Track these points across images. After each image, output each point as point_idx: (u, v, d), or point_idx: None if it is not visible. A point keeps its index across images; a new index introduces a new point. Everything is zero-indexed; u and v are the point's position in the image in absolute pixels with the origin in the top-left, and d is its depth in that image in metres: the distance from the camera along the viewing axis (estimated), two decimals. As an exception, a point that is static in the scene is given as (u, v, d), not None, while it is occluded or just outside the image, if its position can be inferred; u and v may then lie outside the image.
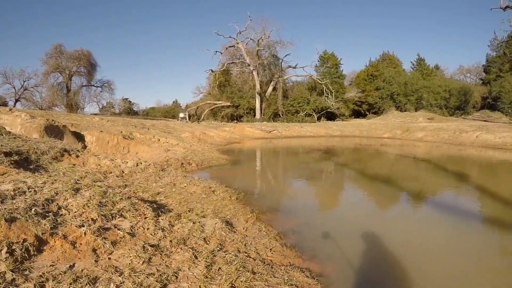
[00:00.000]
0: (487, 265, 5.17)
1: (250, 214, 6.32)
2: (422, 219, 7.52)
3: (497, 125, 33.35)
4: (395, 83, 52.90)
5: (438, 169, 15.23)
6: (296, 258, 4.81)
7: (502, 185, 12.13)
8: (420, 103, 50.49)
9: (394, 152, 22.74)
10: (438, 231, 6.62)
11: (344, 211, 8.25)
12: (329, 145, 25.42)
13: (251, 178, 11.37)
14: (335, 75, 55.55)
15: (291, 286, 3.72)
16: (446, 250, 5.54)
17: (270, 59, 52.83)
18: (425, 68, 60.34)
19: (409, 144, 27.77)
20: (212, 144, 20.21)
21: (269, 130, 30.30)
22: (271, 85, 50.66)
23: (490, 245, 6.08)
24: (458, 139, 28.53)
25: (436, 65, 64.88)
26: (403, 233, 6.41)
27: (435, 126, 35.44)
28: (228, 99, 48.48)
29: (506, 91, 44.80)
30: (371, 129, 38.05)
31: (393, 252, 5.32)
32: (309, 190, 10.60)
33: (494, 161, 18.58)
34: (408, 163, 18.24)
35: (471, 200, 9.56)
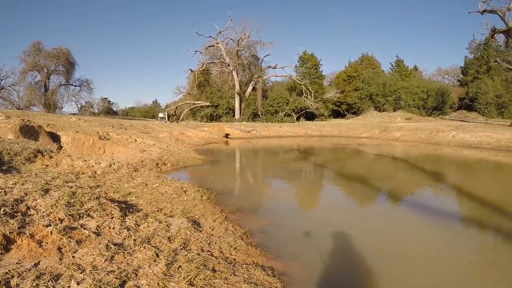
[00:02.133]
0: (453, 262, 5.38)
1: (219, 214, 6.43)
2: (392, 219, 7.76)
3: (473, 125, 34.49)
4: (374, 83, 53.83)
5: (412, 168, 15.68)
6: (261, 257, 4.93)
7: (476, 184, 12.63)
8: (399, 104, 51.58)
9: (370, 151, 23.26)
10: (407, 231, 6.87)
11: (316, 212, 8.45)
12: (307, 145, 25.78)
13: (225, 178, 11.48)
14: (315, 75, 56.13)
15: (250, 284, 3.84)
16: (414, 251, 5.74)
17: (250, 59, 53.08)
18: (404, 69, 61.56)
19: (386, 144, 28.43)
20: (190, 144, 20.25)
21: (248, 130, 30.46)
22: (251, 85, 50.82)
23: (459, 242, 6.31)
24: (435, 139, 29.40)
25: (415, 67, 66.65)
26: (373, 234, 6.60)
27: (412, 126, 36.42)
28: (207, 99, 48.46)
29: (483, 92, 46.66)
30: (350, 129, 38.68)
31: (360, 253, 5.45)
32: (283, 190, 10.76)
33: (470, 160, 19.22)
34: (381, 162, 18.69)
35: (444, 199, 9.91)
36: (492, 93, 46.39)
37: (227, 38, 50.11)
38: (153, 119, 55.03)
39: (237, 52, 49.07)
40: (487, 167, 17.04)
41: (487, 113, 45.87)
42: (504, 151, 22.03)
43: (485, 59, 48.46)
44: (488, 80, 48.22)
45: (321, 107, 52.17)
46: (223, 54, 49.94)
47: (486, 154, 20.92)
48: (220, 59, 51.28)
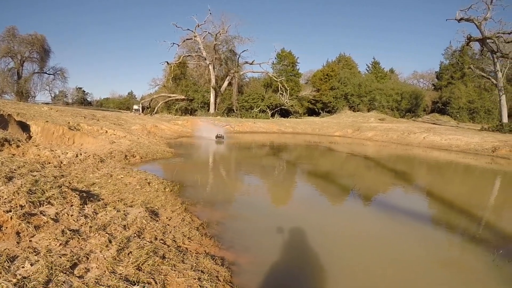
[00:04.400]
0: (405, 258, 5.68)
1: (179, 205, 6.67)
2: (350, 215, 8.10)
3: (444, 128, 35.78)
4: (349, 84, 54.66)
5: (380, 167, 16.28)
6: (213, 247, 5.12)
7: (441, 184, 13.22)
8: (373, 104, 52.68)
9: (339, 149, 23.90)
10: (363, 226, 7.19)
11: (276, 206, 8.76)
12: (279, 142, 26.17)
13: (192, 172, 11.65)
14: (291, 73, 56.60)
15: (196, 271, 4.05)
16: (367, 245, 6.04)
17: (227, 54, 53.04)
18: (380, 71, 62.77)
19: (357, 143, 29.23)
20: (162, 137, 20.28)
21: (222, 125, 30.46)
22: (227, 80, 50.72)
23: (414, 240, 6.59)
24: (406, 140, 30.40)
25: (391, 69, 67.87)
26: (328, 229, 6.85)
27: (385, 127, 37.38)
28: (183, 92, 48.26)
29: (456, 97, 48.14)
30: (323, 127, 39.32)
31: (311, 248, 5.70)
32: (247, 185, 11.04)
33: (440, 161, 20.02)
34: (349, 160, 19.26)
35: (407, 197, 10.41)
36: (464, 98, 47.89)
37: (205, 32, 49.75)
38: (128, 110, 54.27)
39: (214, 47, 48.89)
40: (456, 169, 17.84)
41: (459, 117, 47.35)
42: (472, 154, 23.02)
43: (460, 65, 50.27)
44: (462, 86, 49.77)
45: (296, 105, 52.69)
46: (200, 48, 49.55)
47: (455, 156, 21.81)
48: (197, 53, 50.83)
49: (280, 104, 49.66)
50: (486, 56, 39.68)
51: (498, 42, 34.42)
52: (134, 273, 3.69)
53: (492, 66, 37.62)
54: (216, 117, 38.49)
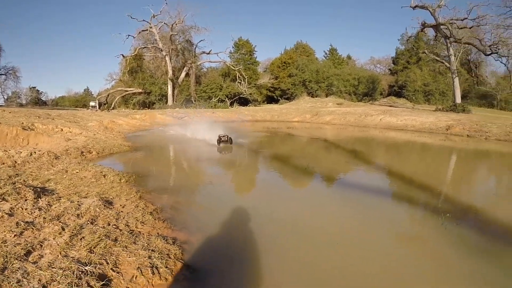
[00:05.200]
0: (359, 234, 6.07)
1: (134, 194, 6.96)
2: (304, 196, 8.63)
3: (400, 110, 37.45)
4: (307, 70, 55.78)
5: (336, 148, 17.04)
6: (166, 229, 5.46)
7: (396, 162, 14.17)
8: (331, 90, 54.26)
9: (298, 134, 24.69)
10: (317, 206, 7.63)
11: (231, 191, 9.12)
12: (238, 129, 26.57)
13: (148, 162, 11.96)
14: (249, 61, 56.88)
15: (148, 251, 4.41)
16: (320, 224, 6.45)
17: (184, 45, 52.55)
18: (337, 57, 64.31)
19: (316, 127, 30.16)
20: (120, 132, 20.19)
21: (181, 117, 30.58)
22: (184, 71, 50.28)
23: (368, 216, 7.00)
24: (363, 122, 31.71)
25: (348, 55, 69.93)
26: (278, 208, 7.28)
27: (343, 111, 38.53)
28: (140, 85, 47.58)
29: (411, 80, 50.75)
30: (282, 114, 40.09)
31: (260, 225, 6.06)
32: (202, 172, 11.40)
33: (397, 141, 21.17)
34: (307, 144, 20.01)
35: (364, 176, 10.94)
36: (420, 82, 50.63)
37: (161, 22, 48.94)
38: (84, 108, 52.96)
39: (170, 37, 48.23)
40: (413, 147, 19.01)
41: (415, 100, 49.95)
42: (427, 133, 24.53)
43: (415, 50, 52.33)
44: (417, 70, 52.47)
45: (255, 93, 53.22)
46: (156, 39, 48.73)
47: (411, 136, 23.15)
48: (154, 44, 49.91)
49: (239, 93, 49.95)
50: (440, 42, 41.93)
51: (451, 28, 36.52)
52: (86, 256, 4.00)
53: (446, 51, 39.73)
54: (175, 109, 38.15)
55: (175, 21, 48.31)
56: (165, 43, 48.59)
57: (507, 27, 39.25)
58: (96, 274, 3.74)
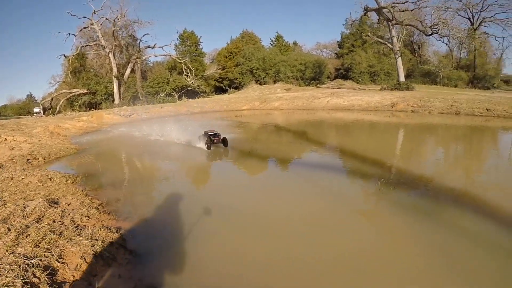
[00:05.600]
0: (304, 211, 6.82)
1: (80, 192, 7.58)
2: (246, 180, 9.50)
3: (347, 91, 39.19)
4: (254, 58, 56.28)
5: (278, 131, 17.97)
6: (111, 220, 6.12)
7: (346, 140, 15.43)
8: (278, 76, 55.24)
9: (246, 120, 25.57)
10: (267, 187, 8.57)
11: (173, 180, 9.84)
12: (187, 122, 26.84)
13: (95, 162, 12.45)
14: (195, 53, 56.88)
15: (91, 240, 4.96)
16: (268, 204, 7.33)
17: (128, 40, 51.28)
18: (284, 44, 65.23)
19: (265, 113, 31.12)
20: (67, 136, 20.12)
21: (129, 115, 30.63)
22: (129, 67, 49.29)
23: (315, 193, 7.87)
24: (311, 105, 33.05)
25: (294, 42, 70.82)
26: (222, 194, 8.08)
27: (291, 96, 39.65)
28: (84, 86, 46.26)
29: (357, 62, 52.87)
30: (231, 103, 40.69)
31: (200, 210, 6.80)
32: (147, 165, 12.15)
33: (346, 120, 22.63)
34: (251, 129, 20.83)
35: (316, 156, 12.06)
36: (365, 63, 52.79)
37: (103, 18, 46.97)
38: (29, 115, 50.79)
39: (113, 33, 46.87)
40: (361, 125, 20.59)
41: (361, 81, 52.30)
42: (373, 111, 26.25)
43: (360, 34, 54.86)
44: (362, 52, 54.51)
45: (203, 84, 53.33)
46: (98, 36, 46.98)
47: (357, 115, 24.65)
48: (96, 42, 47.98)
49: (186, 85, 49.97)
50: (383, 24, 43.69)
51: (393, 11, 38.70)
52: (32, 250, 4.47)
53: (389, 33, 41.91)
54: (122, 107, 37.74)
55: (117, 16, 46.88)
56: (108, 40, 47.23)
57: (447, 9, 42.32)
58: (42, 266, 4.16)
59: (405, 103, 26.57)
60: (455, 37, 45.34)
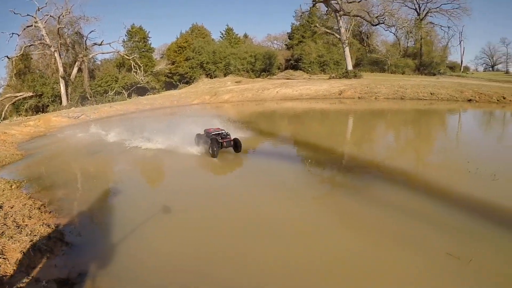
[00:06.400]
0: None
1: (24, 196, 8.34)
2: (188, 174, 10.38)
3: (296, 81, 41.14)
4: (204, 52, 56.85)
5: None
6: (52, 218, 6.88)
7: (298, 128, 16.78)
8: (229, 69, 56.11)
9: (195, 114, 26.15)
10: (213, 182, 9.59)
11: (114, 177, 10.77)
12: (137, 120, 26.81)
13: (40, 166, 12.95)
14: (144, 49, 56.52)
15: (30, 236, 5.69)
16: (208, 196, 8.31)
17: (74, 38, 49.73)
18: (234, 37, 65.80)
19: (215, 107, 32.11)
20: (13, 143, 20.21)
21: (77, 116, 30.57)
22: (76, 66, 48.14)
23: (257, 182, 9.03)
24: (261, 96, 34.45)
25: (245, 34, 72.00)
26: (158, 190, 9.19)
27: (241, 88, 40.66)
28: (30, 88, 44.96)
29: (307, 53, 54.98)
30: (182, 98, 40.99)
31: (133, 206, 7.77)
32: (91, 164, 12.83)
33: (296, 110, 23.79)
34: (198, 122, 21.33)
35: (268, 148, 13.17)
36: (315, 54, 54.97)
37: (47, 15, 45.09)
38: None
39: (58, 31, 45.41)
40: (310, 114, 21.68)
41: (311, 71, 54.36)
42: (322, 99, 28.03)
43: (309, 25, 56.19)
44: (312, 43, 56.49)
45: (152, 81, 53.24)
46: (43, 35, 45.19)
47: (307, 104, 26.42)
48: (41, 41, 46.25)
49: (136, 82, 49.71)
50: (331, 15, 46.04)
51: (341, 3, 41.11)
52: None
53: (337, 24, 43.96)
54: (70, 108, 37.08)
55: (62, 13, 45.42)
56: (53, 38, 45.74)
57: (394, 0, 45.29)
58: (-17, 264, 4.69)
59: (352, 90, 28.49)
60: (401, 26, 48.51)
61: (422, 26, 53.38)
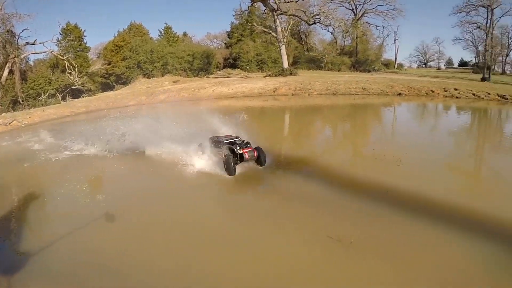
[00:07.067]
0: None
1: None
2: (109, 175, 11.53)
3: (233, 79, 43.23)
4: (141, 51, 57.00)
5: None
6: None
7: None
8: (166, 68, 56.74)
9: (129, 115, 25.84)
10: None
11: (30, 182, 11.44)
12: (70, 125, 27.14)
13: None
14: (79, 48, 55.45)
15: None
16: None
17: (5, 36, 47.01)
18: (172, 35, 66.18)
19: (150, 107, 32.60)
20: None
21: (8, 122, 29.83)
22: (7, 67, 45.68)
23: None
24: (197, 95, 35.93)
25: (184, 33, 72.37)
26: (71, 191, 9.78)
27: (178, 87, 41.82)
28: (-47, 94, 42.16)
29: (245, 51, 56.86)
30: (118, 100, 41.09)
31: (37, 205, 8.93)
32: (19, 173, 13.10)
33: (230, 108, 24.78)
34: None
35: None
36: (253, 52, 56.92)
37: None
38: None
39: None
40: (254, 110, 22.85)
41: (249, 69, 56.35)
42: (257, 96, 29.57)
43: (249, 24, 58.08)
44: (250, 42, 58.54)
45: (88, 82, 52.54)
46: None
47: (242, 102, 27.79)
48: None
49: (70, 84, 48.82)
50: (270, 15, 48.01)
51: (278, 2, 43.80)
52: None
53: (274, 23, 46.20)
54: (1, 114, 35.54)
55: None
56: None
57: (331, 1, 48.69)
58: None
59: (286, 87, 30.55)
60: (337, 26, 52.27)
61: (358, 26, 58.39)
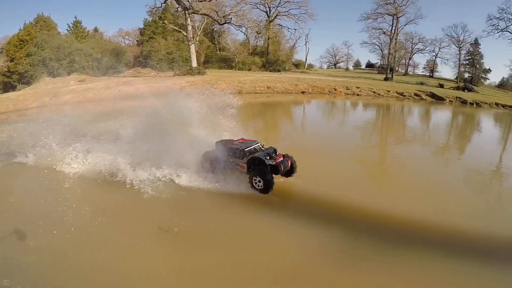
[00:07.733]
0: None
1: None
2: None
3: (141, 79, 42.09)
4: (47, 47, 52.71)
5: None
6: None
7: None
8: (73, 67, 52.89)
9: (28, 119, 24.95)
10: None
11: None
12: None
13: None
14: (-23, 43, 50.39)
15: None
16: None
17: None
18: (82, 30, 62.96)
19: (52, 110, 29.04)
20: None
21: None
22: None
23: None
24: (102, 95, 34.30)
25: (95, 28, 69.91)
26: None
27: (83, 87, 39.58)
28: None
29: (156, 50, 55.64)
30: (19, 101, 37.93)
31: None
32: None
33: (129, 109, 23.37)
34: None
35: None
36: (164, 51, 55.98)
37: None
38: None
39: None
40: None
41: (159, 68, 54.60)
42: (164, 96, 29.06)
43: (161, 21, 57.05)
44: (162, 40, 57.52)
45: (-14, 81, 47.45)
46: None
47: (144, 101, 26.79)
48: None
49: (-39, 85, 43.88)
50: (182, 13, 48.01)
51: (191, 1, 44.03)
52: None
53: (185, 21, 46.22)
54: None
55: None
56: None
57: (245, 2, 50.49)
58: None
59: (193, 86, 30.35)
60: (248, 26, 54.09)
61: (271, 28, 60.53)
